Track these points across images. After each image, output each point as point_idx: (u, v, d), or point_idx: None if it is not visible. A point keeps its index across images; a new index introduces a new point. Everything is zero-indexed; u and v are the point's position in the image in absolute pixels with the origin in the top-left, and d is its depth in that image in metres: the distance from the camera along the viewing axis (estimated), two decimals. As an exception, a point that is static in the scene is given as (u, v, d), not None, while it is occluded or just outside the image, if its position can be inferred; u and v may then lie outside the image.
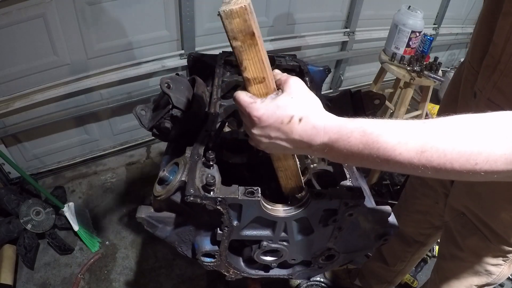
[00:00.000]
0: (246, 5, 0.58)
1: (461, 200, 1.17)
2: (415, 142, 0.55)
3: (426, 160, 0.54)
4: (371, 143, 0.57)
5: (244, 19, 0.59)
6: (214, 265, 1.01)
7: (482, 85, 0.94)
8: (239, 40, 0.61)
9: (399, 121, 0.58)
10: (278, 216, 0.85)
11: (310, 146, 0.63)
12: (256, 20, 0.62)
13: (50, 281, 1.99)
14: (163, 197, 0.86)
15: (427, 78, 2.30)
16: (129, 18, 2.18)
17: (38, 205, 2.07)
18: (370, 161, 0.58)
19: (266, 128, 0.64)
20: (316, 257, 1.03)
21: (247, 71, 0.65)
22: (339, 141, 0.60)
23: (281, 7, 2.69)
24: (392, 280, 1.83)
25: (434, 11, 3.59)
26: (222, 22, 0.59)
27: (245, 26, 0.60)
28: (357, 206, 0.86)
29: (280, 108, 0.62)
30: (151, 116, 1.08)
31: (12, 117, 2.12)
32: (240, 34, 0.60)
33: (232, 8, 0.58)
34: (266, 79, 0.65)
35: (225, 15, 0.58)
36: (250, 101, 0.65)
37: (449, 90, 1.27)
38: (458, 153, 0.53)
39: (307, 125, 0.62)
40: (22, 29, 1.88)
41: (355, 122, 0.60)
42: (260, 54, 0.63)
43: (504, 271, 1.17)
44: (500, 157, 0.52)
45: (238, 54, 0.63)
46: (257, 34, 0.61)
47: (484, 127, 0.54)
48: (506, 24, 0.83)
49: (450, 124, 0.56)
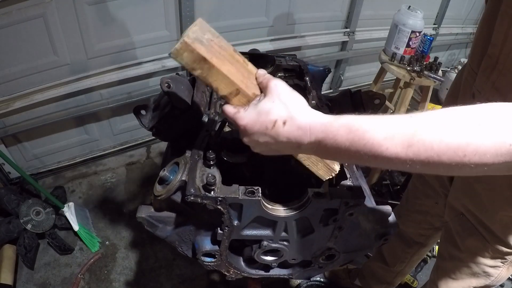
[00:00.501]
0: (185, 39, 0.62)
1: (460, 199, 1.17)
2: (402, 136, 0.54)
3: (414, 154, 0.53)
4: (358, 140, 0.56)
5: (190, 50, 0.63)
6: (214, 265, 1.01)
7: (481, 85, 0.94)
8: (197, 69, 0.65)
9: (386, 116, 0.57)
10: (278, 215, 0.85)
11: (300, 146, 0.63)
12: (208, 43, 0.65)
13: (50, 281, 1.99)
14: (163, 196, 0.86)
15: (427, 78, 2.31)
16: (129, 18, 2.18)
17: (38, 205, 2.06)
18: (358, 157, 0.58)
19: (253, 135, 0.65)
20: (316, 256, 1.03)
21: (220, 90, 0.68)
22: (325, 139, 0.60)
23: (281, 7, 2.69)
24: (392, 280, 1.83)
25: (434, 11, 3.59)
26: (176, 61, 0.64)
27: (193, 56, 0.64)
28: (358, 205, 0.86)
29: (262, 115, 0.63)
30: (151, 116, 1.08)
31: (12, 117, 2.12)
32: (195, 64, 0.64)
33: (176, 47, 0.62)
34: (240, 90, 0.68)
35: (174, 55, 0.63)
36: (234, 111, 0.67)
37: (450, 92, 1.27)
38: (446, 145, 0.51)
39: (292, 127, 0.62)
40: (22, 29, 1.88)
41: (341, 119, 0.60)
42: (222, 72, 0.66)
43: (503, 273, 1.17)
44: (490, 148, 0.50)
45: (204, 81, 0.67)
46: (208, 57, 0.64)
47: (472, 118, 0.52)
48: (503, 24, 0.83)
49: (437, 117, 0.54)
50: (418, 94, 3.30)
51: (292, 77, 1.38)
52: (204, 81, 0.67)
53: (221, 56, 0.67)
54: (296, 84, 1.34)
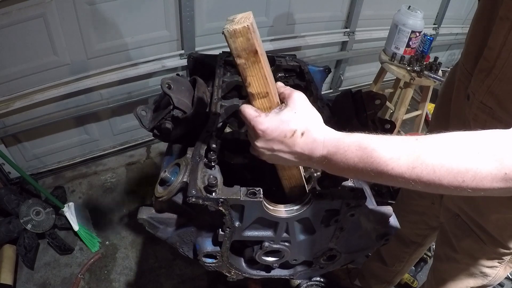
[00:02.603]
0: (249, 24, 0.60)
1: (455, 201, 1.17)
2: (407, 158, 0.58)
3: (416, 176, 0.57)
4: (366, 157, 0.60)
5: (247, 38, 0.61)
6: (215, 266, 1.01)
7: (476, 88, 0.94)
8: (242, 58, 0.63)
9: (394, 137, 0.61)
10: (280, 216, 0.85)
11: (311, 158, 0.67)
12: (259, 38, 0.64)
13: (50, 281, 1.99)
14: (164, 198, 0.86)
15: (427, 78, 2.31)
16: (129, 18, 2.18)
17: (38, 205, 2.06)
18: (365, 174, 0.61)
19: (270, 141, 0.67)
20: (317, 257, 1.03)
21: (251, 86, 0.67)
22: (336, 154, 0.63)
23: (281, 7, 2.69)
24: (392, 280, 1.84)
25: (434, 11, 3.59)
26: (226, 40, 0.61)
27: (248, 44, 0.62)
28: (359, 206, 0.86)
29: (283, 123, 0.66)
30: (152, 117, 1.08)
31: (12, 117, 2.12)
32: (244, 52, 0.63)
33: (235, 28, 0.60)
34: (269, 94, 0.68)
35: (229, 34, 0.61)
36: (255, 114, 0.68)
37: (443, 90, 1.27)
38: (446, 170, 0.55)
39: (308, 138, 0.65)
40: (22, 29, 1.88)
41: (352, 137, 0.63)
42: (264, 71, 0.65)
43: (500, 273, 1.17)
44: (487, 175, 0.54)
45: (242, 71, 0.65)
46: (260, 52, 0.63)
47: (472, 146, 0.56)
48: (502, 29, 0.82)
49: (440, 142, 0.58)
50: (418, 94, 3.30)
51: (293, 77, 1.38)
52: (242, 71, 0.65)
53: (265, 55, 0.66)
54: (296, 84, 1.34)
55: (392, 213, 0.96)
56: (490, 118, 0.90)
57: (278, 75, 1.37)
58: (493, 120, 0.90)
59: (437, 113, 1.31)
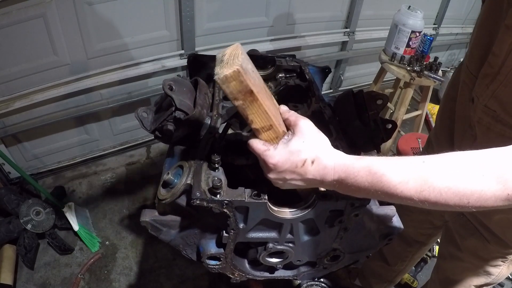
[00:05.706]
0: (238, 68, 0.59)
1: None
2: (415, 182, 0.60)
3: (424, 198, 0.60)
4: (376, 182, 0.63)
5: (240, 81, 0.61)
6: (219, 268, 1.01)
7: (480, 92, 0.94)
8: (240, 100, 0.64)
9: (402, 160, 0.64)
10: (284, 218, 0.85)
11: (322, 182, 0.69)
12: (251, 73, 0.64)
13: (50, 281, 1.99)
14: (168, 200, 0.85)
15: (427, 78, 2.31)
16: (129, 18, 2.17)
17: (38, 205, 2.06)
18: (376, 195, 0.65)
19: (281, 172, 0.69)
20: (321, 257, 1.03)
21: (254, 123, 0.68)
22: (347, 179, 0.65)
23: (281, 7, 2.69)
24: (393, 279, 1.84)
25: (434, 11, 3.60)
26: (220, 86, 0.62)
27: (242, 86, 0.62)
28: (363, 206, 0.86)
29: (293, 154, 0.67)
30: (153, 119, 1.07)
31: (12, 117, 2.11)
32: (240, 94, 0.63)
33: (226, 74, 0.60)
34: (273, 126, 0.69)
35: (221, 81, 0.61)
36: (264, 148, 0.69)
37: (447, 91, 1.27)
38: (453, 193, 0.58)
39: (319, 165, 0.67)
40: (22, 29, 1.87)
41: (362, 162, 0.65)
42: (263, 107, 0.66)
43: (503, 271, 1.18)
44: (491, 197, 0.57)
45: (242, 112, 0.66)
46: (255, 90, 0.63)
47: (477, 167, 0.59)
48: (508, 37, 0.82)
49: (446, 164, 0.61)
50: (418, 94, 3.31)
51: (293, 78, 1.38)
52: (242, 112, 0.67)
53: (261, 90, 0.67)
54: (297, 84, 1.34)
55: (395, 213, 0.96)
56: (494, 121, 0.91)
57: (278, 75, 1.37)
58: (497, 123, 0.90)
59: (442, 114, 1.31)
